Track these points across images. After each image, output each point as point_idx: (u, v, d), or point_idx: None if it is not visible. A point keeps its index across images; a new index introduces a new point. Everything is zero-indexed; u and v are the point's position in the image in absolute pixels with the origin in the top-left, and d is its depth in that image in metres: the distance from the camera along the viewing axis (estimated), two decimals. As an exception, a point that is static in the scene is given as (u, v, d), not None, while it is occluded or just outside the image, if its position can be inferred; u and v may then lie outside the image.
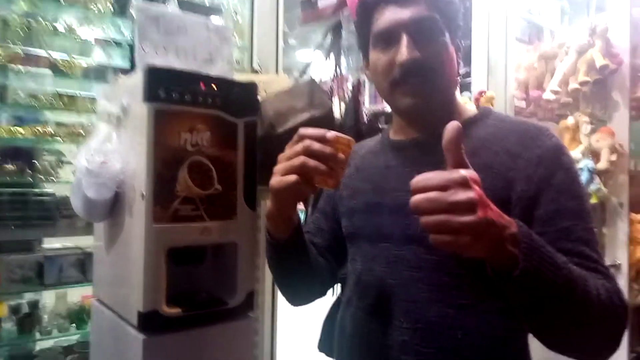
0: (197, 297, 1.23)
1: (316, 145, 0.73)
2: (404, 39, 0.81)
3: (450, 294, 0.79)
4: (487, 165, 0.80)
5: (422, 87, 0.83)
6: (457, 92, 2.02)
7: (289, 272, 0.94)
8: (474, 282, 0.78)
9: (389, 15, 0.83)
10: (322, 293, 1.03)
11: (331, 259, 1.00)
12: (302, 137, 0.75)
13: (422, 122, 0.89)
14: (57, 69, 2.06)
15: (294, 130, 1.30)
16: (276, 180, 0.76)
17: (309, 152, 0.73)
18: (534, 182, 0.77)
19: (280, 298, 1.99)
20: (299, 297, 1.01)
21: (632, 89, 1.94)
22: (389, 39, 0.84)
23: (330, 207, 1.04)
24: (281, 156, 0.77)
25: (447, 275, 0.80)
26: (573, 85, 1.96)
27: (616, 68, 1.88)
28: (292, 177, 0.73)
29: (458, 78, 0.94)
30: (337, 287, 1.15)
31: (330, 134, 0.74)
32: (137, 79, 1.16)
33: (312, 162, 0.72)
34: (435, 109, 0.86)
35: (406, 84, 0.83)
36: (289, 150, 0.76)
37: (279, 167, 0.76)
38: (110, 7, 2.09)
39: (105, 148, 1.22)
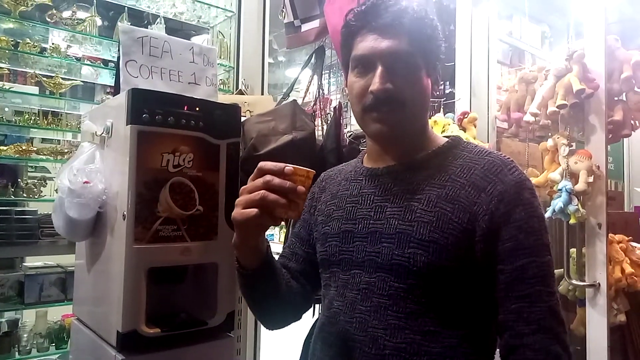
0: (177, 317, 1.23)
1: (276, 181, 0.76)
2: (379, 69, 0.84)
3: (417, 321, 0.81)
4: (454, 198, 0.83)
5: (390, 116, 0.85)
6: (442, 115, 2.05)
7: (260, 299, 0.95)
8: (439, 310, 0.82)
9: (368, 43, 0.86)
10: (297, 317, 1.03)
11: (305, 283, 1.01)
12: (262, 172, 0.78)
13: (393, 150, 0.92)
14: (42, 87, 2.07)
15: (276, 151, 1.34)
16: (238, 212, 0.78)
17: (268, 187, 0.76)
18: (495, 218, 0.80)
19: (263, 317, 1.98)
20: (272, 322, 1.01)
21: (608, 112, 1.99)
22: (365, 65, 0.86)
23: (306, 231, 1.05)
24: (243, 189, 0.79)
25: (414, 303, 0.82)
26: (551, 108, 2.00)
27: (592, 92, 1.93)
28: (253, 211, 0.76)
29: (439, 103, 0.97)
30: (318, 308, 1.16)
31: (288, 168, 0.77)
32: (121, 101, 1.18)
33: (272, 196, 0.75)
34: (405, 137, 0.89)
35: (376, 111, 0.85)
36: (250, 184, 0.78)
37: (240, 200, 0.79)
38: (97, 27, 2.11)
39: (88, 168, 1.23)
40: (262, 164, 0.79)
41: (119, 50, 1.29)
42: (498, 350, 0.84)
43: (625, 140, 3.28)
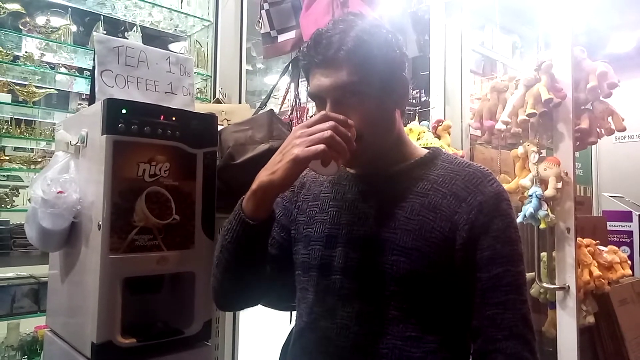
0: (153, 327, 1.22)
1: (342, 128, 0.80)
2: (327, 107, 0.85)
3: (398, 327, 0.83)
4: (436, 207, 0.85)
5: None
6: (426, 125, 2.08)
7: (247, 260, 0.91)
8: (420, 316, 0.84)
9: (315, 81, 0.87)
10: (257, 301, 1.02)
11: (275, 268, 0.98)
12: (327, 119, 0.81)
13: (370, 167, 0.93)
14: (15, 95, 2.04)
15: (253, 160, 1.35)
16: (302, 150, 0.79)
17: (336, 131, 0.79)
18: (475, 228, 0.83)
19: (242, 326, 1.98)
20: (237, 296, 0.97)
21: (575, 121, 2.06)
22: (319, 102, 0.88)
23: (286, 219, 1.02)
24: (302, 132, 0.81)
25: (396, 309, 0.84)
26: (522, 116, 2.06)
27: (560, 101, 2.00)
28: (321, 146, 0.78)
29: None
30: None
31: (350, 120, 0.81)
32: (96, 110, 1.17)
33: (338, 138, 0.79)
34: (373, 161, 0.91)
35: None
36: (314, 127, 0.80)
37: (303, 140, 0.80)
38: (73, 34, 2.09)
39: (63, 178, 1.22)
40: (328, 112, 0.82)
41: (94, 59, 1.28)
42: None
43: (594, 147, 3.39)
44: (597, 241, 2.26)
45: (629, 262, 2.35)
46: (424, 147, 0.98)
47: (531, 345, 0.81)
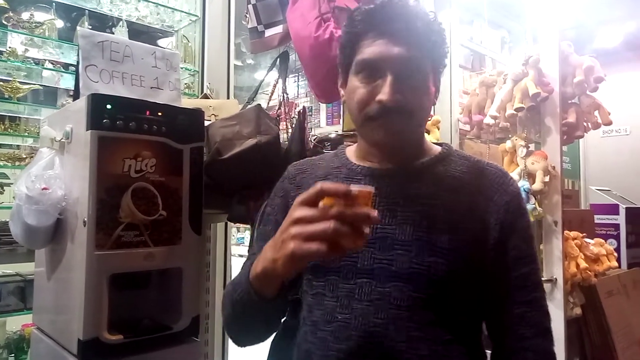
0: (140, 323, 1.22)
1: (349, 212, 0.64)
2: (389, 78, 0.79)
3: (435, 331, 0.80)
4: (469, 207, 0.84)
5: (397, 126, 0.82)
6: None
7: (257, 323, 0.87)
8: (454, 318, 0.82)
9: (377, 48, 0.80)
10: (271, 333, 0.98)
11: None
12: (323, 194, 0.66)
13: (392, 155, 0.88)
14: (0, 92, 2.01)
15: (239, 155, 1.35)
16: (298, 247, 0.65)
17: (340, 218, 0.64)
18: (505, 228, 0.83)
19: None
20: (251, 341, 0.93)
21: (562, 115, 2.08)
22: (373, 70, 0.81)
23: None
24: (300, 217, 0.67)
25: (433, 313, 0.80)
26: (510, 111, 2.07)
27: (547, 96, 2.02)
28: (322, 247, 0.64)
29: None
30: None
31: (354, 190, 0.65)
32: (81, 106, 1.16)
33: (344, 229, 0.63)
34: (407, 146, 0.87)
35: (382, 121, 0.81)
36: (311, 212, 0.66)
37: (300, 232, 0.66)
38: (58, 29, 2.07)
39: (47, 174, 1.21)
40: (323, 185, 0.66)
41: (78, 54, 1.27)
42: (490, 353, 0.88)
43: (581, 141, 3.42)
44: (584, 234, 2.28)
45: (615, 254, 2.38)
46: (434, 143, 0.95)
47: (552, 338, 0.84)
